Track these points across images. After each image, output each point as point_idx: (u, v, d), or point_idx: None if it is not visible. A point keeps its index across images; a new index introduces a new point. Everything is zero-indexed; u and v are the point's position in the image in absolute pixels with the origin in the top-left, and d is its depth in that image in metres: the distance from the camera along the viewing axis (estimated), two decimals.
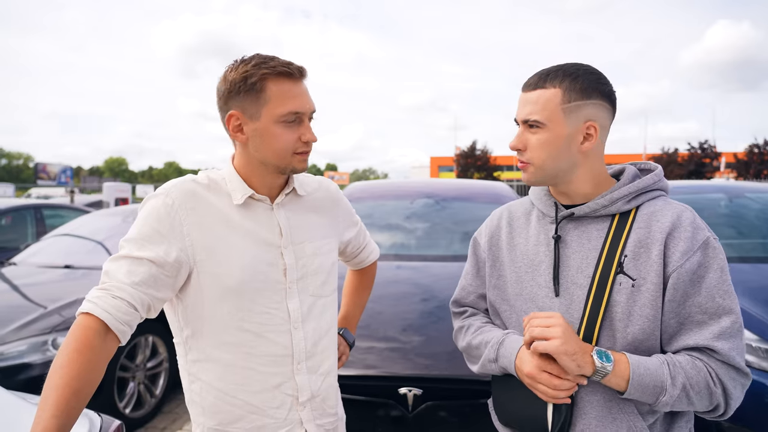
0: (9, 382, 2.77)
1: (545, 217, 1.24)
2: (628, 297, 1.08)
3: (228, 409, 1.22)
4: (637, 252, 1.10)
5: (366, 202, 4.02)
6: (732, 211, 3.90)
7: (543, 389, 1.09)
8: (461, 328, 1.37)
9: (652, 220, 1.12)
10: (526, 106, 1.15)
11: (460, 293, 1.41)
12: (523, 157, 1.18)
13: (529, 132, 1.16)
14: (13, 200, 7.63)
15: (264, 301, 1.21)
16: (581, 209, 1.17)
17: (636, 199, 1.16)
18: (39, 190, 23.63)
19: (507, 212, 1.35)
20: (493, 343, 1.22)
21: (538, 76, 1.16)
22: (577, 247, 1.17)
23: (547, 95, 1.13)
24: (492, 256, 1.32)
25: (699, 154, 36.15)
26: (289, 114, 1.17)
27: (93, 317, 1.04)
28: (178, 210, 1.16)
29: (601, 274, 1.11)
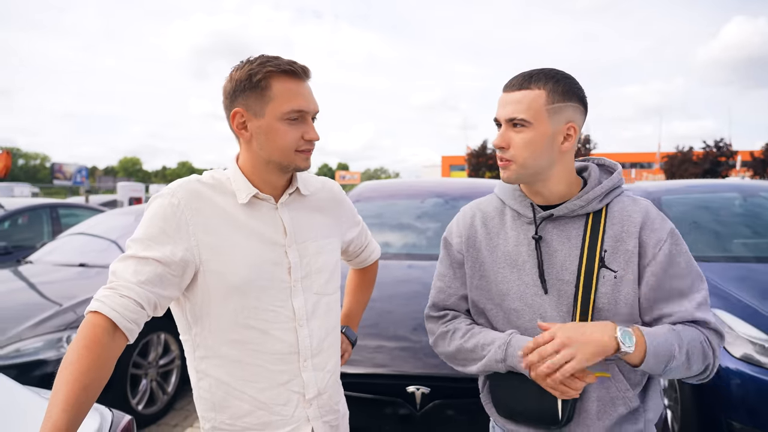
0: (25, 378, 2.82)
1: (521, 218, 1.30)
2: (612, 288, 1.19)
3: (237, 404, 1.24)
4: (615, 246, 1.21)
5: (376, 201, 4.02)
6: (746, 210, 3.86)
7: (562, 389, 1.13)
8: (445, 333, 1.36)
9: (624, 217, 1.23)
10: (511, 106, 1.20)
11: (439, 296, 1.40)
12: (505, 155, 1.22)
13: (512, 131, 1.20)
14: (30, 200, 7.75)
15: (269, 299, 1.23)
16: (560, 210, 1.24)
17: (606, 197, 1.25)
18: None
19: (479, 212, 1.38)
20: (499, 344, 1.24)
21: (522, 78, 1.21)
22: (558, 245, 1.24)
23: (533, 95, 1.18)
24: (471, 257, 1.34)
25: (714, 152, 35.69)
26: (293, 112, 1.19)
27: (101, 315, 1.06)
28: (183, 210, 1.18)
29: (586, 270, 1.20)
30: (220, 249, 1.19)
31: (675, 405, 2.82)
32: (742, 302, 2.64)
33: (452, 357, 1.36)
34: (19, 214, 6.58)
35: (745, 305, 2.62)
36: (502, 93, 1.24)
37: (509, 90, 1.21)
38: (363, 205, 3.86)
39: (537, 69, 1.22)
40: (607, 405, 1.20)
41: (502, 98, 1.23)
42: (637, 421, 1.23)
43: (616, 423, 1.21)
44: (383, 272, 2.93)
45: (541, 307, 1.23)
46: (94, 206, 7.82)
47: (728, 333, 2.55)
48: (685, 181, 4.57)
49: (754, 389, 2.38)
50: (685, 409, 2.69)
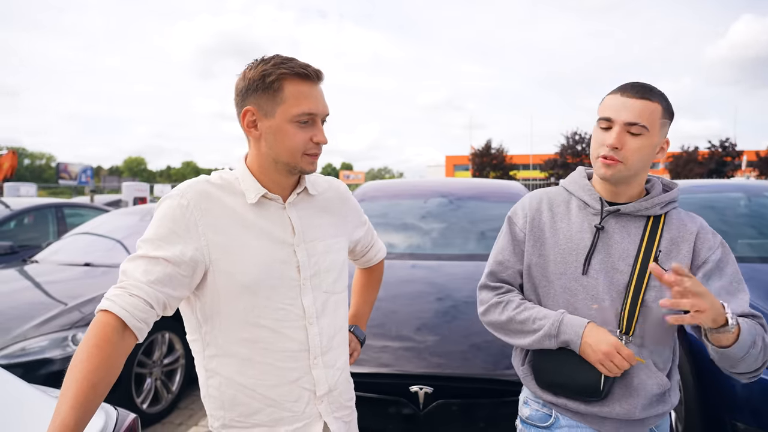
0: (31, 377, 2.84)
1: (587, 208, 1.42)
2: (661, 286, 1.29)
3: (247, 401, 1.25)
4: (670, 248, 1.35)
5: (380, 201, 4.03)
6: (752, 210, 3.84)
7: (610, 366, 1.27)
8: (499, 303, 1.46)
9: (681, 225, 1.38)
10: (632, 110, 1.29)
11: (497, 267, 1.51)
12: (617, 155, 1.31)
13: (628, 134, 1.30)
14: (36, 199, 7.79)
15: (279, 297, 1.24)
16: (627, 207, 1.37)
17: (666, 206, 1.39)
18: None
19: (546, 197, 1.51)
20: (552, 321, 1.35)
21: (643, 88, 1.32)
22: (619, 238, 1.37)
23: (653, 107, 1.30)
24: (533, 236, 1.46)
25: (719, 152, 35.53)
26: (303, 114, 1.20)
27: (111, 314, 1.07)
28: (193, 211, 1.19)
29: (642, 263, 1.33)
30: (230, 249, 1.21)
31: (679, 405, 2.81)
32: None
33: (501, 326, 1.46)
34: (24, 214, 6.61)
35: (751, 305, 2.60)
36: (614, 96, 1.33)
37: (629, 95, 1.30)
38: (367, 205, 3.86)
39: (647, 84, 1.34)
40: (646, 383, 1.33)
41: (618, 101, 1.31)
42: (665, 402, 1.36)
43: (649, 401, 1.33)
44: (388, 272, 2.93)
45: (594, 289, 1.35)
46: (99, 206, 7.85)
47: None
48: (690, 181, 4.55)
49: (759, 390, 2.37)
50: (689, 410, 2.68)
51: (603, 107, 1.35)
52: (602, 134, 1.34)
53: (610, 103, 1.33)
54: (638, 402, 1.32)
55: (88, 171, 29.65)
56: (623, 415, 1.33)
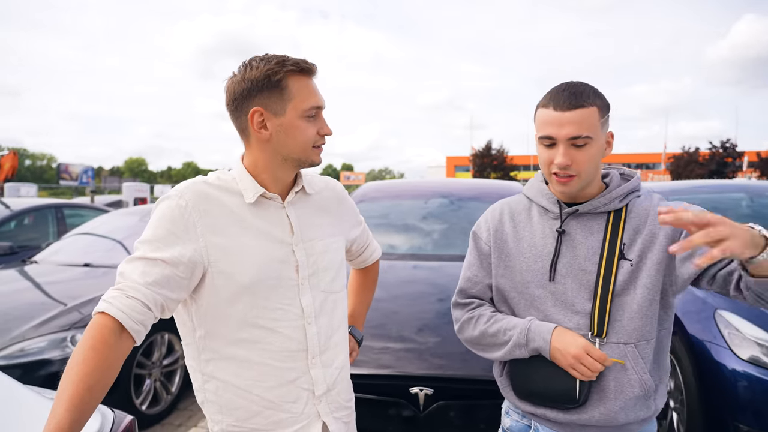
0: (29, 378, 2.83)
1: (547, 213, 1.41)
2: (629, 276, 1.29)
3: (245, 405, 1.23)
4: (633, 238, 1.31)
5: (381, 201, 4.02)
6: (754, 211, 3.83)
7: (582, 369, 1.25)
8: (470, 318, 1.46)
9: (641, 211, 1.34)
10: (570, 126, 1.25)
11: (466, 284, 1.51)
12: (570, 171, 1.28)
13: (573, 149, 1.27)
14: (36, 200, 7.79)
15: (278, 297, 1.23)
16: (585, 207, 1.35)
17: (626, 198, 1.35)
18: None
19: (507, 207, 1.49)
20: (520, 330, 1.34)
21: (572, 96, 1.26)
22: (581, 239, 1.34)
23: (589, 112, 1.26)
24: (498, 248, 1.45)
25: (720, 153, 35.51)
26: (312, 109, 1.23)
27: (108, 316, 1.06)
28: (191, 212, 1.18)
29: (606, 261, 1.30)
30: (229, 249, 1.20)
31: (681, 407, 2.80)
32: None
33: (476, 342, 1.45)
34: (24, 214, 6.61)
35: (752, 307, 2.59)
36: (548, 111, 1.28)
37: (562, 109, 1.26)
38: (367, 206, 3.85)
39: (575, 84, 1.29)
40: (624, 386, 1.28)
41: (553, 117, 1.26)
42: (648, 407, 1.31)
43: (631, 405, 1.28)
44: (389, 273, 2.93)
45: (563, 294, 1.33)
46: (99, 206, 7.85)
47: (735, 335, 2.53)
48: (691, 182, 4.54)
49: (761, 391, 2.36)
50: (691, 412, 2.67)
51: (540, 125, 1.30)
52: (547, 152, 1.30)
53: (547, 120, 1.28)
54: (617, 406, 1.28)
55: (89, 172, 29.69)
56: (603, 422, 1.29)
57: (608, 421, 1.28)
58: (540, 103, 1.32)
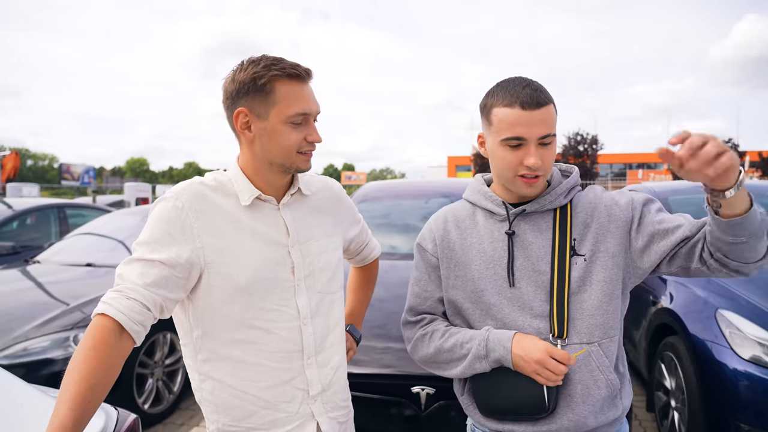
0: (32, 377, 2.84)
1: (493, 216, 1.36)
2: (584, 270, 1.26)
3: (241, 405, 1.24)
4: (583, 232, 1.29)
5: (382, 201, 4.02)
6: None
7: (547, 374, 1.19)
8: (423, 335, 1.39)
9: (586, 204, 1.32)
10: (542, 125, 1.21)
11: (416, 300, 1.43)
12: (538, 171, 1.23)
13: (542, 148, 1.23)
14: (38, 200, 7.81)
15: (274, 298, 1.24)
16: (532, 206, 1.31)
17: (569, 193, 1.33)
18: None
19: (451, 215, 1.43)
20: (478, 341, 1.27)
21: (536, 93, 1.22)
22: (532, 239, 1.30)
23: (551, 110, 1.23)
24: (446, 258, 1.38)
25: None
26: (297, 115, 1.20)
27: (108, 318, 1.07)
28: (188, 213, 1.19)
29: (559, 259, 1.27)
30: (225, 251, 1.20)
31: (682, 407, 2.80)
32: (750, 303, 2.62)
33: (432, 360, 1.38)
34: (26, 214, 6.62)
35: (754, 306, 2.60)
36: (514, 111, 1.20)
37: (532, 108, 1.20)
38: (369, 206, 3.86)
39: (528, 80, 1.25)
40: (591, 388, 1.24)
41: (522, 117, 1.20)
42: (616, 406, 1.28)
43: (599, 407, 1.24)
44: (390, 273, 2.93)
45: (519, 299, 1.28)
46: (101, 206, 7.86)
47: (736, 334, 2.53)
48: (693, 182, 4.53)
49: (763, 391, 2.36)
50: (692, 411, 2.67)
51: (507, 125, 1.21)
52: (512, 153, 1.22)
53: (514, 120, 1.20)
54: (585, 410, 1.23)
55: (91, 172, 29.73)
56: (573, 428, 1.23)
57: (578, 427, 1.23)
58: (497, 101, 1.24)
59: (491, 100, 1.26)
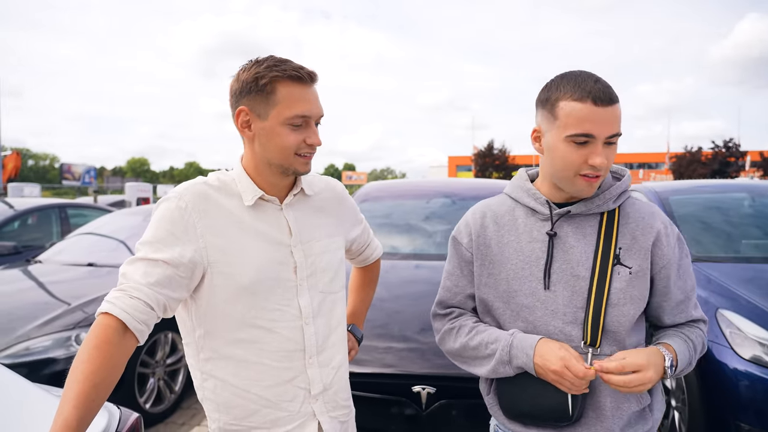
0: (34, 376, 2.84)
1: (535, 214, 1.30)
2: (627, 284, 1.22)
3: (242, 404, 1.25)
4: (630, 244, 1.24)
5: (383, 201, 4.02)
6: (756, 210, 3.82)
7: (568, 385, 1.17)
8: (451, 329, 1.38)
9: (639, 217, 1.27)
10: (612, 123, 1.15)
11: (446, 294, 1.41)
12: (602, 172, 1.18)
13: (607, 147, 1.17)
14: (39, 200, 7.81)
15: (276, 298, 1.24)
16: (578, 207, 1.26)
17: (619, 198, 1.28)
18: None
19: (489, 210, 1.38)
20: (502, 345, 1.25)
21: (608, 89, 1.15)
22: (574, 242, 1.25)
23: (619, 108, 1.17)
24: (480, 255, 1.34)
25: (723, 152, 35.42)
26: (296, 117, 1.20)
27: (112, 317, 1.07)
28: (191, 213, 1.20)
29: (600, 266, 1.22)
30: (228, 250, 1.21)
31: (683, 407, 2.81)
32: (751, 303, 2.62)
33: (458, 355, 1.37)
34: (28, 214, 6.63)
35: (754, 306, 2.60)
36: (585, 106, 1.13)
37: (605, 104, 1.13)
38: (369, 205, 3.86)
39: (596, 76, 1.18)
40: (621, 401, 1.22)
41: (595, 114, 1.13)
42: (646, 420, 1.25)
43: (628, 421, 1.23)
44: (391, 272, 2.94)
45: (553, 303, 1.23)
46: (102, 206, 7.86)
47: (737, 334, 2.53)
48: (693, 182, 4.54)
49: (763, 391, 2.36)
50: (693, 411, 2.67)
51: (575, 121, 1.14)
52: (577, 151, 1.16)
53: (584, 116, 1.14)
54: (615, 423, 1.21)
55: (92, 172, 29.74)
56: None
57: None
58: (564, 95, 1.16)
59: (557, 93, 1.18)
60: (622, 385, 1.12)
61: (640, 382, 1.12)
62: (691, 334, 1.29)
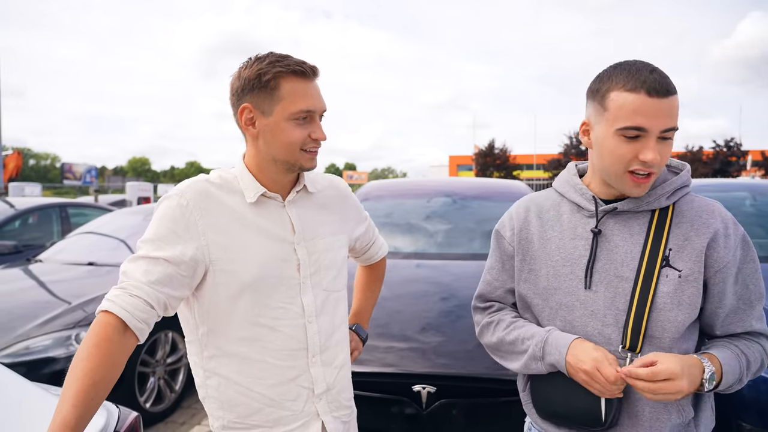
0: (34, 375, 2.83)
1: (581, 211, 1.25)
2: (675, 288, 1.14)
3: (246, 402, 1.25)
4: (682, 245, 1.15)
5: (384, 200, 4.02)
6: (758, 210, 3.81)
7: (599, 388, 1.12)
8: (489, 323, 1.36)
9: (694, 216, 1.17)
10: (667, 117, 1.07)
11: (486, 288, 1.39)
12: (654, 169, 1.11)
13: (661, 142, 1.09)
14: (40, 199, 7.82)
15: (279, 296, 1.24)
16: (625, 204, 1.19)
17: (674, 195, 1.19)
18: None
19: (534, 205, 1.34)
20: (537, 341, 1.21)
21: (666, 80, 1.08)
22: (620, 241, 1.18)
23: (676, 101, 1.09)
24: (522, 250, 1.30)
25: (724, 152, 35.39)
26: (301, 112, 1.20)
27: (112, 315, 1.07)
28: (192, 210, 1.19)
29: (646, 267, 1.15)
30: (231, 248, 1.21)
31: None
32: None
33: (495, 349, 1.35)
34: (28, 214, 6.63)
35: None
36: (639, 97, 1.06)
37: (657, 95, 1.06)
38: (370, 205, 3.85)
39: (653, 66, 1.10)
40: (661, 411, 1.15)
41: (649, 106, 1.06)
42: None
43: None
44: (392, 272, 2.92)
45: (593, 303, 1.18)
46: (103, 206, 7.87)
47: None
48: (695, 181, 4.53)
49: (766, 390, 2.35)
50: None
51: (628, 113, 1.07)
52: (629, 145, 1.09)
53: (638, 108, 1.06)
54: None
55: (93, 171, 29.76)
56: None
57: None
58: (616, 85, 1.10)
59: (608, 84, 1.11)
60: (648, 392, 1.05)
61: (669, 391, 1.03)
62: (748, 348, 1.17)
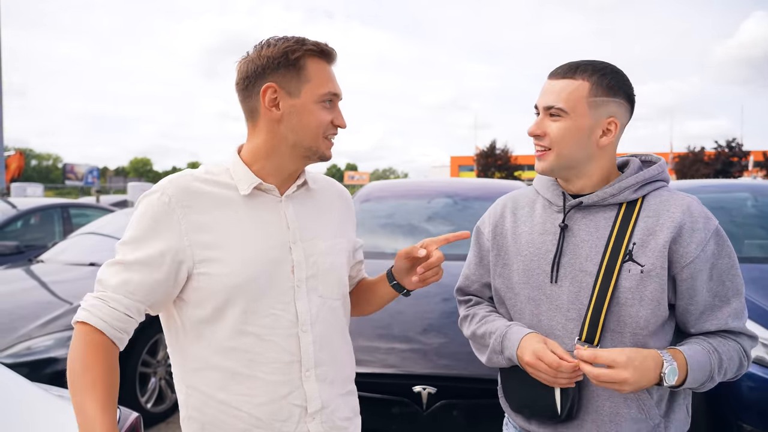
0: (36, 376, 2.84)
1: (551, 206, 1.28)
2: (637, 283, 1.14)
3: (231, 422, 1.12)
4: (646, 240, 1.15)
5: (385, 201, 4.02)
6: (759, 210, 3.81)
7: (545, 377, 1.14)
8: (466, 316, 1.40)
9: (661, 210, 1.17)
10: (551, 95, 1.19)
11: (464, 282, 1.45)
12: (542, 142, 1.20)
13: (549, 119, 1.19)
14: (42, 199, 7.84)
15: (270, 301, 1.13)
16: (590, 198, 1.21)
17: (642, 188, 1.20)
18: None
19: (511, 201, 1.39)
20: (497, 335, 1.25)
21: (568, 67, 1.20)
22: (585, 235, 1.21)
23: (575, 86, 1.17)
24: (497, 245, 1.35)
25: (726, 152, 35.33)
26: (329, 94, 1.15)
27: (89, 326, 1.05)
28: (174, 207, 1.10)
29: (608, 262, 1.16)
30: (216, 247, 1.11)
31: None
32: (754, 303, 2.61)
33: (471, 341, 1.39)
34: (30, 214, 6.65)
35: (757, 306, 2.59)
36: (546, 79, 1.23)
37: (553, 77, 1.21)
38: (372, 205, 3.86)
39: (586, 60, 1.21)
40: (620, 405, 1.16)
41: (545, 85, 1.22)
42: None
43: (628, 428, 1.16)
44: None
45: (558, 298, 1.20)
46: (104, 206, 7.90)
47: None
48: (696, 181, 4.53)
49: (765, 391, 2.35)
50: (694, 411, 2.65)
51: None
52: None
53: (542, 89, 1.23)
54: (614, 429, 1.15)
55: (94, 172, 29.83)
56: None
57: None
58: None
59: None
60: (593, 379, 1.06)
61: (611, 378, 1.03)
62: (722, 345, 1.15)
